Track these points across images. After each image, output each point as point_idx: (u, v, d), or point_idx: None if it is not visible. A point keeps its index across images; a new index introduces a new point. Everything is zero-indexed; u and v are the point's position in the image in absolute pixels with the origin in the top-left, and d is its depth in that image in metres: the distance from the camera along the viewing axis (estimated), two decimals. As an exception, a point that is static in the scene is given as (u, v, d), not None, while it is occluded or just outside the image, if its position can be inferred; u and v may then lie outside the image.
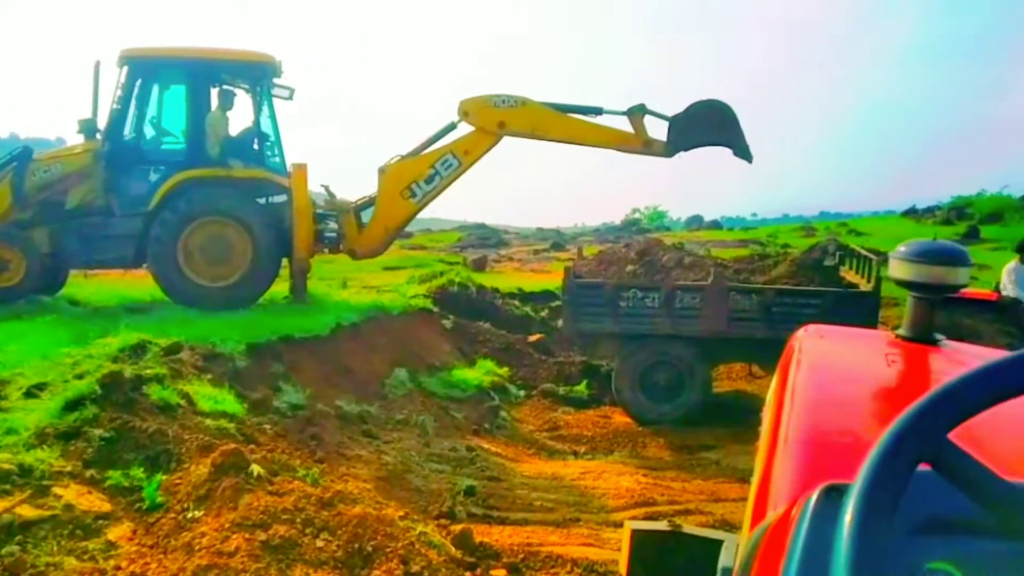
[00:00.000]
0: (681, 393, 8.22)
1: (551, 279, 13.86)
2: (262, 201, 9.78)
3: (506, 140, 9.56)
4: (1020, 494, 0.59)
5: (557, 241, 25.87)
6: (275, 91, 9.82)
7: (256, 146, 9.80)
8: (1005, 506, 0.59)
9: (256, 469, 4.50)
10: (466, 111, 9.52)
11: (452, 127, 9.71)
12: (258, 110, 9.71)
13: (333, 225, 10.11)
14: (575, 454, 7.52)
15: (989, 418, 0.65)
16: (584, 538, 5.16)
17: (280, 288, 10.24)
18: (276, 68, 9.67)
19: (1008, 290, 8.12)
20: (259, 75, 9.66)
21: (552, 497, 6.01)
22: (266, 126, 9.84)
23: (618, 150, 9.44)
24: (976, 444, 1.10)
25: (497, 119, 9.43)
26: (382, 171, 9.77)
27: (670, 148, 9.26)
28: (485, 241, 26.18)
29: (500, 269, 18.66)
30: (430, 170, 9.62)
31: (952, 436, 0.63)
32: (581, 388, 9.44)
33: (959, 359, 1.74)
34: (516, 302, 13.00)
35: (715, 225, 35.75)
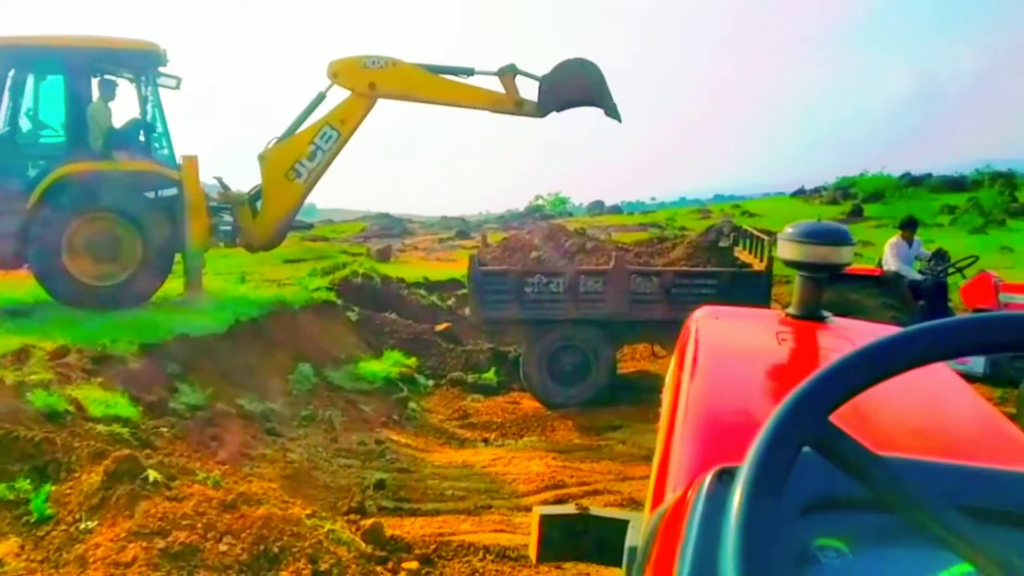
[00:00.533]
0: (588, 376, 8.35)
1: (457, 267, 13.83)
2: (151, 195, 9.34)
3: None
4: (893, 468, 0.61)
5: (462, 229, 25.81)
6: (161, 80, 9.39)
7: (142, 138, 9.36)
8: (880, 481, 0.61)
9: (152, 475, 4.32)
10: (335, 72, 9.34)
11: (321, 98, 9.54)
12: (143, 100, 9.28)
13: (228, 218, 9.79)
14: (485, 441, 7.54)
15: (870, 394, 0.67)
16: (496, 524, 5.18)
17: (174, 285, 9.86)
18: (161, 56, 9.24)
19: (890, 264, 8.56)
20: (143, 64, 9.22)
21: (463, 485, 6.01)
22: (152, 117, 9.41)
23: (490, 110, 9.39)
24: (860, 420, 1.15)
25: (367, 80, 9.29)
26: (262, 158, 9.52)
27: (541, 108, 9.28)
28: (389, 231, 25.86)
29: (405, 259, 18.49)
30: (310, 146, 9.43)
31: (836, 415, 0.65)
32: (490, 375, 9.46)
33: (844, 335, 1.82)
34: (422, 292, 12.91)
35: (616, 210, 36.42)
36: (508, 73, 9.24)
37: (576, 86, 9.17)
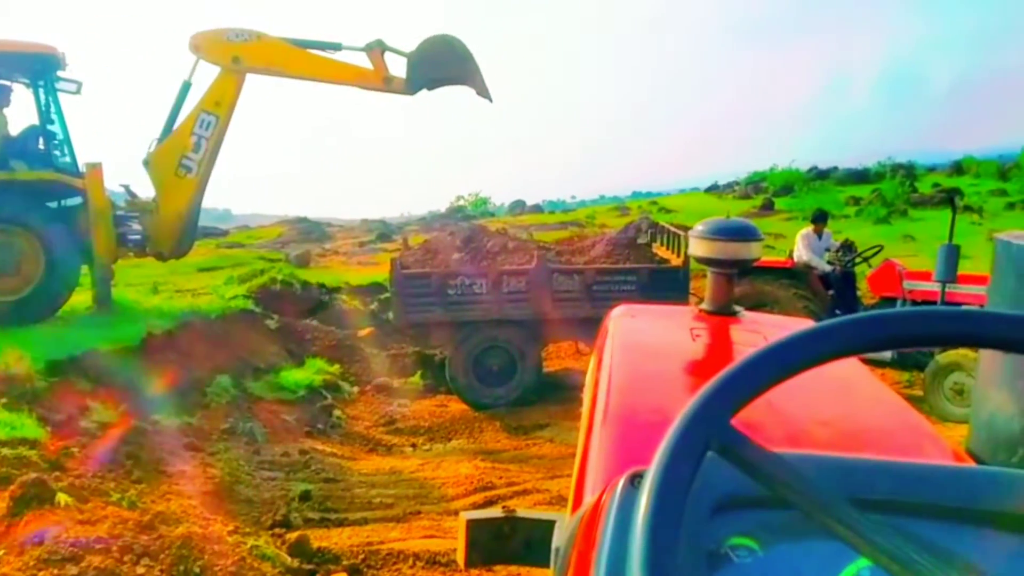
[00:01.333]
0: (514, 376, 8.37)
1: (379, 271, 13.69)
2: (53, 205, 8.97)
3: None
4: (789, 466, 0.62)
5: (383, 232, 25.52)
6: (60, 85, 9.01)
7: (42, 146, 8.97)
8: (777, 479, 0.62)
9: (63, 498, 4.13)
10: (198, 45, 9.10)
11: (188, 87, 9.30)
12: (42, 106, 8.87)
13: (136, 226, 9.45)
14: (413, 446, 7.47)
15: (781, 389, 0.68)
16: (426, 530, 5.13)
17: (82, 298, 9.46)
18: (59, 60, 8.85)
19: (801, 256, 8.86)
20: (39, 68, 8.82)
21: (391, 492, 5.93)
22: (52, 123, 9.01)
23: (358, 87, 9.24)
24: (771, 416, 1.18)
25: (231, 53, 9.08)
26: (147, 163, 9.25)
27: (409, 86, 9.20)
28: (308, 235, 25.37)
29: (325, 263, 18.18)
30: (192, 138, 9.19)
31: (748, 411, 0.66)
32: (416, 379, 9.39)
33: (755, 329, 1.86)
34: (344, 296, 12.72)
35: (537, 209, 36.62)
36: (375, 49, 9.10)
37: (445, 63, 9.09)
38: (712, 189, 36.95)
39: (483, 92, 9.26)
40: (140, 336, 7.93)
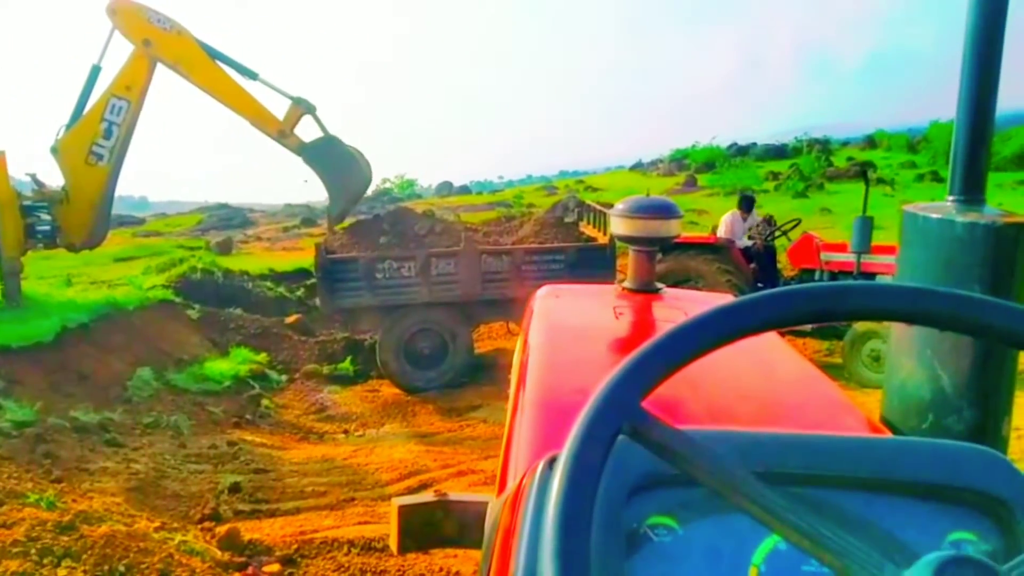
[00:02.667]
0: (445, 358, 8.36)
1: (304, 256, 13.44)
2: (-47, 197, 8.51)
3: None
4: (697, 445, 0.63)
5: (307, 216, 25.02)
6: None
7: (-62, 134, 8.48)
8: (688, 459, 0.62)
9: (-25, 503, 3.95)
10: (115, 11, 8.78)
11: (97, 71, 9.00)
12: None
13: (46, 217, 9.04)
14: (345, 433, 7.40)
15: (699, 364, 0.69)
16: (360, 517, 5.09)
17: (-11, 293, 9.03)
18: None
19: (723, 235, 9.06)
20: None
21: (324, 480, 5.86)
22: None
23: (251, 124, 9.07)
24: (687, 392, 1.19)
25: (144, 34, 8.81)
26: (55, 150, 8.90)
27: (301, 149, 9.06)
28: (229, 222, 24.72)
29: (248, 250, 17.75)
30: (103, 124, 8.88)
31: (666, 388, 0.66)
32: (346, 365, 9.28)
33: (677, 305, 1.89)
34: (268, 284, 12.47)
35: (464, 190, 36.51)
36: (301, 108, 8.96)
37: (340, 173, 9.01)
38: (637, 167, 37.46)
39: (331, 216, 9.23)
40: (54, 331, 7.62)
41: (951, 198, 1.48)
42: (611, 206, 2.64)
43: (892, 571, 0.55)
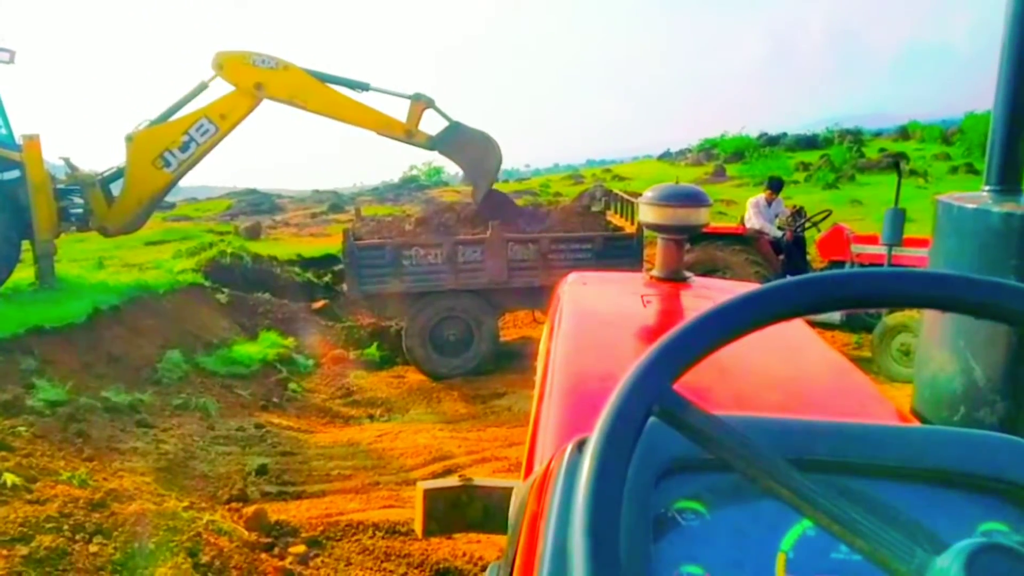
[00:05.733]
0: (471, 345, 8.38)
1: (331, 243, 13.52)
2: (-10, 179, 8.67)
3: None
4: (729, 429, 0.63)
5: (335, 203, 25.16)
6: (-10, 55, 8.66)
7: (-26, 119, 8.64)
8: (719, 443, 0.62)
9: (10, 478, 4.05)
10: (221, 64, 8.86)
11: (203, 87, 9.05)
12: (-27, 77, 8.54)
13: (79, 200, 9.18)
14: (371, 417, 7.45)
15: (728, 351, 0.69)
16: (384, 500, 5.14)
17: (24, 274, 9.20)
18: None
19: (752, 222, 8.98)
20: (-31, 36, 8.47)
21: (349, 464, 5.92)
22: (-15, 95, 8.68)
23: (377, 134, 9.18)
24: (718, 378, 1.19)
25: (254, 79, 8.87)
26: (129, 139, 8.97)
27: (432, 143, 9.15)
28: (258, 207, 24.92)
29: (276, 236, 17.89)
30: (184, 137, 8.94)
31: (695, 374, 0.66)
32: (372, 350, 9.34)
33: (705, 294, 1.89)
34: (296, 269, 12.57)
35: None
36: (422, 101, 8.99)
37: (473, 156, 9.12)
38: (665, 156, 37.20)
39: (477, 196, 9.30)
40: (87, 312, 7.74)
41: (987, 188, 1.45)
42: (638, 195, 2.63)
43: (923, 557, 0.55)
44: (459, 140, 9.08)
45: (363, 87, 9.07)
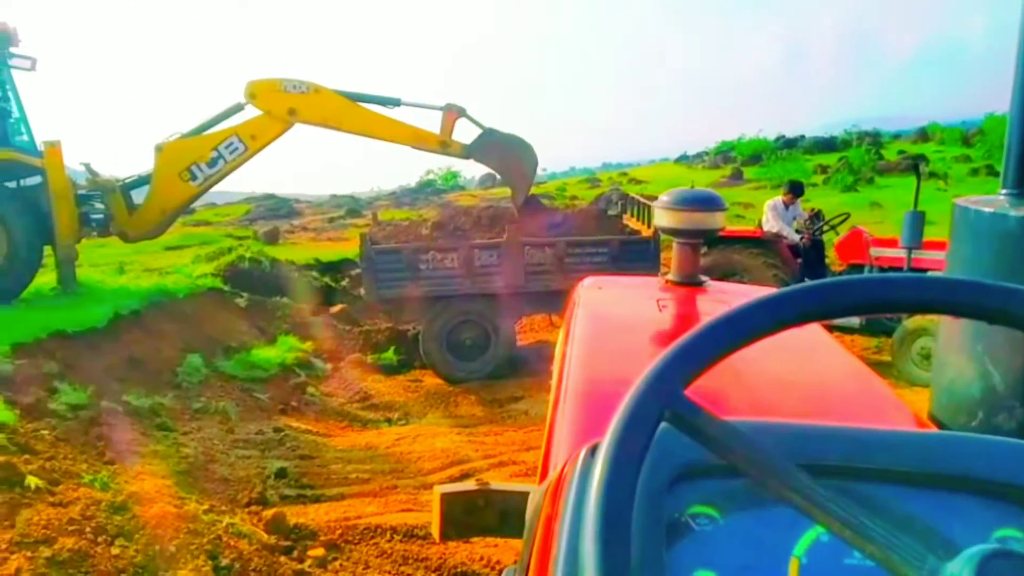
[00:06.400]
0: (488, 349, 8.39)
1: (349, 247, 13.59)
2: (12, 185, 8.79)
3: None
4: (741, 435, 0.63)
5: (353, 207, 25.28)
6: (13, 62, 8.79)
7: (-3, 125, 8.76)
8: (731, 448, 0.63)
9: (33, 481, 4.10)
10: (253, 93, 8.96)
11: (239, 108, 9.14)
12: (-6, 85, 8.67)
13: (99, 206, 9.30)
14: (389, 421, 7.48)
15: (742, 356, 0.69)
16: (402, 504, 5.16)
17: (46, 279, 9.31)
18: (9, 36, 8.62)
19: (770, 225, 8.93)
20: (-11, 45, 8.60)
21: (368, 468, 5.95)
22: (7, 102, 8.80)
23: (412, 147, 9.28)
24: (731, 383, 1.19)
25: (287, 105, 8.96)
26: (159, 149, 9.07)
27: (467, 152, 9.23)
28: (276, 212, 25.08)
29: (294, 240, 18.00)
30: (213, 153, 9.04)
31: (709, 378, 0.67)
32: (389, 354, 9.37)
33: (721, 299, 1.88)
34: (314, 273, 12.64)
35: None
36: (453, 111, 9.05)
37: (509, 160, 9.20)
38: (682, 159, 37.09)
39: (516, 201, 9.38)
40: (107, 317, 7.83)
41: (1004, 191, 1.45)
42: (655, 199, 2.63)
43: (934, 563, 0.56)
44: (494, 146, 9.14)
45: (394, 103, 9.13)
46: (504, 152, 9.13)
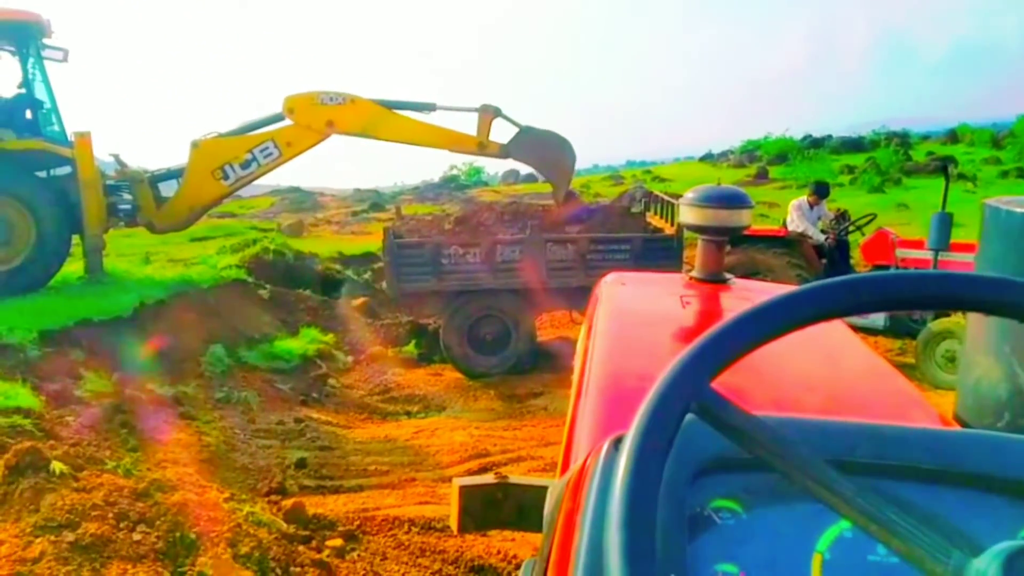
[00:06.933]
0: (508, 344, 8.39)
1: (372, 241, 13.66)
2: (42, 175, 8.92)
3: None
4: (768, 429, 0.63)
5: (376, 201, 25.41)
6: (46, 53, 8.89)
7: (29, 115, 8.88)
8: (758, 442, 0.62)
9: (58, 466, 4.15)
10: (291, 108, 9.03)
11: (280, 118, 9.22)
12: (28, 75, 8.77)
13: (127, 196, 9.40)
14: (408, 414, 7.51)
15: (766, 352, 0.69)
16: (420, 497, 5.18)
17: (74, 268, 9.43)
18: (43, 27, 8.73)
19: (795, 225, 8.86)
20: (24, 35, 8.71)
21: (386, 460, 5.98)
22: (39, 92, 8.91)
23: (451, 151, 9.36)
24: (755, 379, 1.18)
25: (325, 118, 9.02)
26: (195, 145, 9.16)
27: (505, 151, 9.25)
28: (300, 205, 25.28)
29: (318, 233, 18.12)
30: (247, 155, 9.12)
31: (733, 374, 0.66)
32: (410, 348, 9.41)
33: (745, 296, 1.87)
34: (337, 266, 12.71)
35: (531, 178, 36.51)
36: (489, 112, 9.08)
37: (547, 157, 9.21)
38: (706, 158, 36.88)
39: (558, 196, 9.38)
40: (133, 306, 7.92)
41: (1036, 192, 1.42)
42: (679, 197, 2.62)
43: (960, 559, 0.55)
44: (531, 144, 9.14)
45: (430, 108, 9.16)
46: (542, 149, 9.13)
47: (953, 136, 33.51)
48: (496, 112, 9.09)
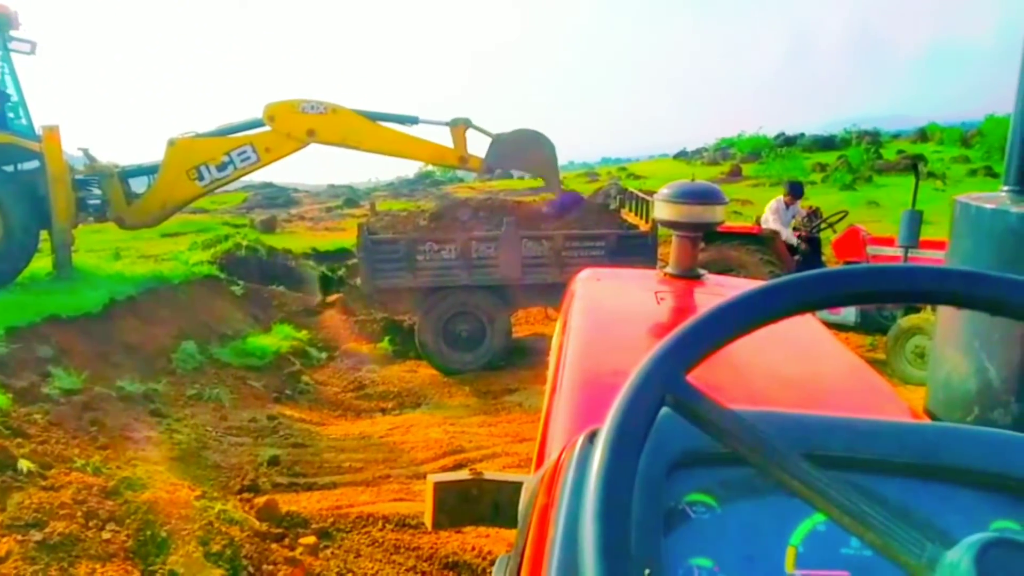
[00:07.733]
0: (483, 341, 8.39)
1: (346, 237, 13.59)
2: (9, 169, 8.75)
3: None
4: (743, 422, 0.62)
5: (350, 197, 25.25)
6: (12, 45, 8.74)
7: (-5, 108, 8.72)
8: (733, 435, 0.62)
9: (25, 465, 4.09)
10: (272, 115, 8.93)
11: (259, 123, 9.11)
12: (-7, 68, 8.62)
13: (97, 191, 9.26)
14: (383, 411, 7.48)
15: (740, 347, 0.68)
16: (395, 493, 5.16)
17: (42, 264, 9.28)
18: (10, 19, 8.57)
19: (769, 223, 8.94)
20: (-12, 28, 8.54)
21: (360, 457, 5.94)
22: (6, 85, 8.75)
23: (432, 165, 9.36)
24: (728, 373, 1.19)
25: (305, 127, 8.94)
26: (171, 143, 9.04)
27: (486, 164, 9.24)
28: (273, 201, 25.04)
29: (292, 229, 17.98)
30: (224, 157, 9.01)
31: (706, 369, 0.66)
32: (385, 344, 9.36)
33: (718, 292, 1.88)
34: (311, 262, 12.63)
35: (506, 175, 36.50)
36: (460, 125, 9.05)
37: (527, 156, 9.19)
38: (681, 156, 37.06)
39: (553, 188, 9.39)
40: (103, 302, 7.80)
41: (1005, 188, 1.44)
42: (654, 194, 2.63)
43: (933, 551, 0.55)
44: (508, 149, 9.14)
45: (412, 121, 9.12)
46: (520, 151, 9.13)
47: (923, 135, 33.94)
48: (467, 123, 9.10)
